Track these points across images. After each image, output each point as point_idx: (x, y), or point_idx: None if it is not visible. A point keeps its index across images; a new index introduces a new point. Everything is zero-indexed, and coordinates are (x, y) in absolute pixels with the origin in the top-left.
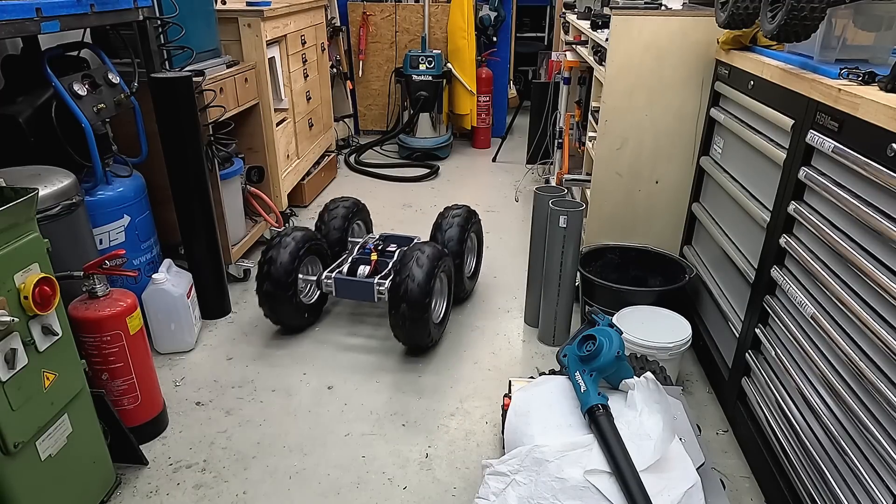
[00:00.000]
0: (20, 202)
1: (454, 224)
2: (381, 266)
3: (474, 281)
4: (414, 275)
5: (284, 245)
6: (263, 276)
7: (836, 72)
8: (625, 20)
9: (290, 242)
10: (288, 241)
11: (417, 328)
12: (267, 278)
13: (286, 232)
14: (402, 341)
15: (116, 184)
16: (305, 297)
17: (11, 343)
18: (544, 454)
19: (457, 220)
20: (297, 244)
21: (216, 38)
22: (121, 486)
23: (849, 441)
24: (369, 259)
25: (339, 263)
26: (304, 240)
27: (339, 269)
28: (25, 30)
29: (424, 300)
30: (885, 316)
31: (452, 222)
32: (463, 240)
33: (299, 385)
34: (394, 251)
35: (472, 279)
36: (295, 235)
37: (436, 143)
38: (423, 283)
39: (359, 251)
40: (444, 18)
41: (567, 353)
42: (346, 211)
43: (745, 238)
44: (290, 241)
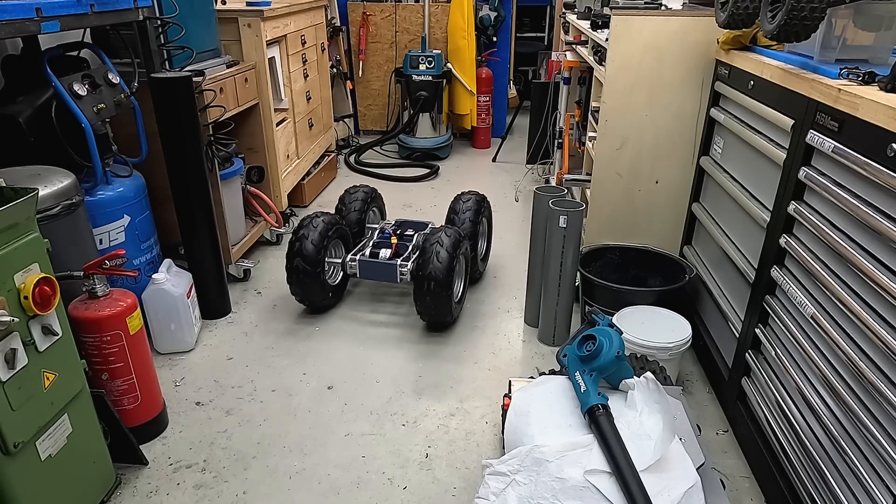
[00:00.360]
0: (20, 202)
1: (468, 209)
2: (401, 249)
3: (486, 263)
4: (439, 256)
5: (315, 226)
6: (295, 254)
7: (836, 72)
8: (625, 20)
9: (320, 224)
10: (318, 223)
11: (441, 305)
12: (298, 255)
13: (315, 215)
14: (427, 318)
15: (116, 184)
16: (330, 278)
17: (11, 343)
18: (544, 454)
19: (470, 205)
20: (325, 226)
21: (216, 38)
22: (121, 486)
23: (849, 441)
24: (390, 242)
25: (361, 246)
26: (331, 223)
27: (362, 252)
28: (25, 30)
29: (448, 279)
30: (885, 316)
31: (466, 207)
32: (477, 223)
33: (299, 385)
34: (412, 235)
35: (484, 261)
36: (323, 218)
37: (436, 143)
38: (446, 263)
39: (378, 235)
40: (444, 18)
41: (567, 353)
42: (365, 196)
43: (745, 238)
44: (320, 223)
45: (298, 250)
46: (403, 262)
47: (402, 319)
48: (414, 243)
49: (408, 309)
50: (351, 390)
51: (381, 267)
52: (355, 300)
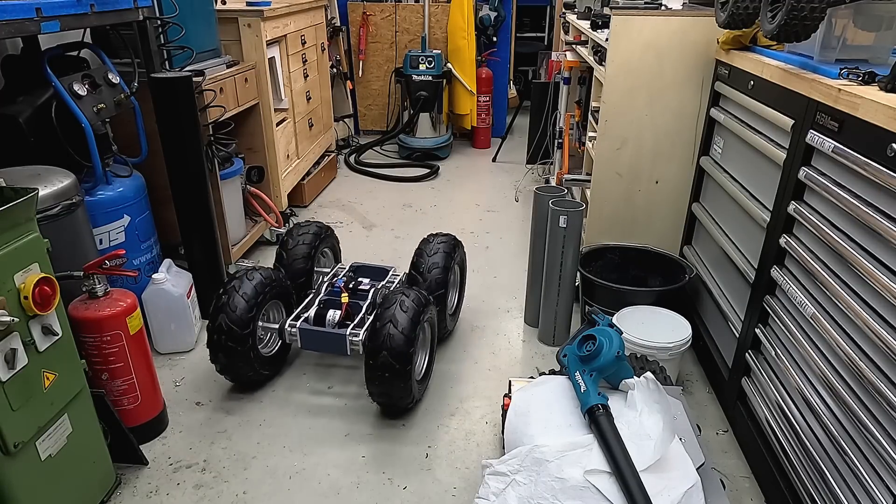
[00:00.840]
0: (20, 202)
1: (438, 253)
2: (353, 309)
3: (456, 318)
4: (397, 324)
5: (241, 289)
6: (216, 329)
7: (836, 72)
8: (625, 20)
9: (249, 286)
10: (246, 285)
11: (398, 386)
12: (220, 332)
13: (243, 275)
14: (378, 400)
15: (116, 184)
16: (265, 347)
17: (11, 343)
18: (544, 454)
19: (440, 249)
20: (255, 288)
21: (216, 38)
22: (121, 486)
23: (849, 441)
24: (339, 301)
25: (304, 306)
26: (264, 284)
27: (306, 315)
28: (25, 30)
29: (408, 351)
30: (885, 316)
31: (435, 250)
32: (448, 270)
33: (299, 385)
34: (367, 289)
35: (453, 316)
36: (254, 278)
37: (436, 143)
38: (407, 333)
39: (327, 290)
40: (444, 18)
41: (567, 353)
42: (313, 238)
43: (745, 238)
44: (249, 285)
45: (218, 326)
46: (355, 329)
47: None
48: (370, 300)
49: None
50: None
51: (327, 337)
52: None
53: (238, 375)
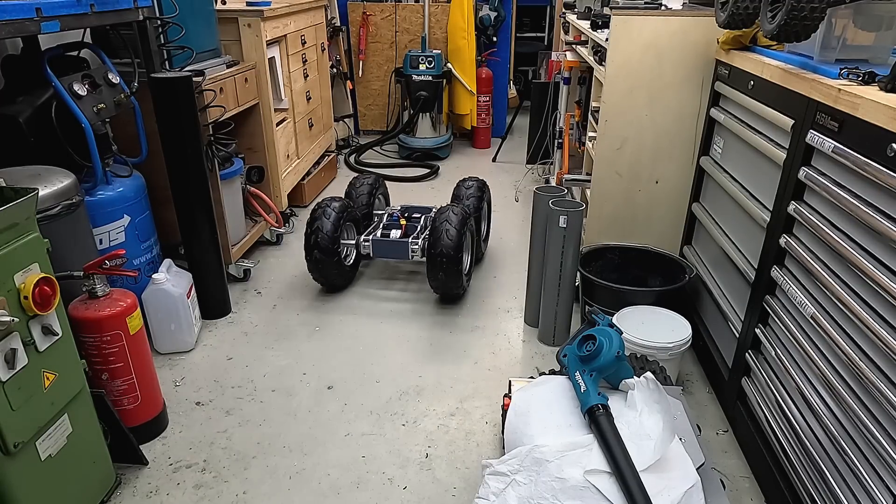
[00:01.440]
0: (20, 202)
1: (472, 193)
2: (409, 230)
3: (487, 243)
4: (448, 233)
5: (327, 215)
6: (312, 245)
7: (836, 72)
8: (625, 20)
9: (332, 212)
10: (329, 211)
11: (453, 279)
12: (315, 246)
13: (326, 202)
14: (440, 291)
15: (116, 184)
16: (345, 259)
17: (11, 343)
18: (544, 454)
19: (473, 189)
20: (337, 213)
21: (216, 38)
22: (121, 486)
23: (849, 441)
24: (399, 224)
25: (372, 228)
26: (343, 208)
27: (374, 234)
28: (25, 30)
29: (459, 254)
30: (885, 316)
31: (470, 192)
32: (480, 204)
33: (299, 385)
34: (419, 217)
35: (485, 242)
36: (334, 205)
37: (436, 143)
38: (456, 239)
39: (387, 219)
40: (444, 18)
41: (567, 353)
42: (371, 186)
43: (745, 238)
44: (332, 211)
45: (315, 241)
46: (414, 240)
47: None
48: (421, 224)
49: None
50: (351, 390)
51: (394, 245)
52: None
53: (329, 279)
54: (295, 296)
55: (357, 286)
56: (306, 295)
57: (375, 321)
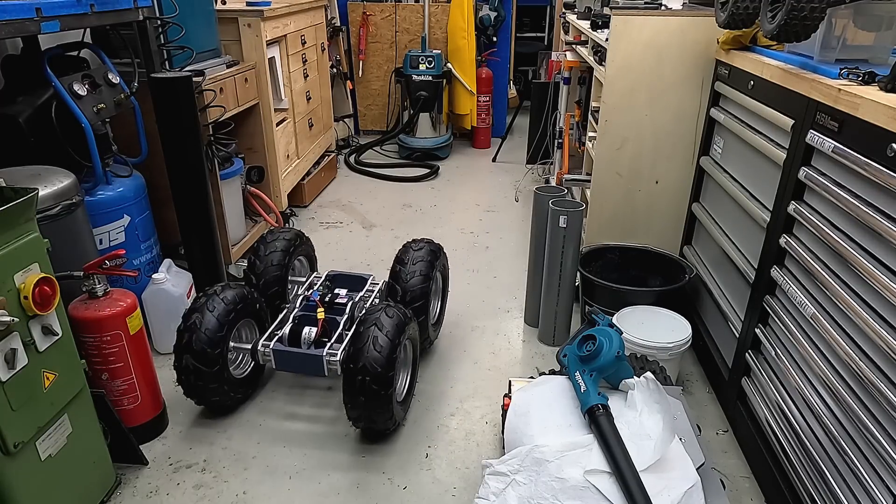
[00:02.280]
0: (20, 202)
1: (420, 261)
2: (329, 325)
3: (439, 328)
4: (376, 340)
5: (211, 309)
6: (183, 349)
7: (836, 72)
8: (625, 20)
9: (219, 305)
10: (215, 305)
11: (378, 406)
12: (187, 352)
13: (213, 293)
14: (360, 423)
15: (116, 184)
16: (237, 369)
17: (11, 343)
18: (544, 454)
19: (422, 256)
20: (226, 307)
21: (216, 38)
22: (121, 486)
23: (849, 441)
24: (315, 317)
25: (278, 323)
26: (235, 301)
27: (281, 334)
28: (25, 30)
29: (388, 372)
30: (885, 316)
31: (417, 258)
32: (429, 279)
33: (299, 385)
34: (345, 302)
35: (436, 326)
36: (225, 296)
37: (436, 143)
38: (386, 350)
39: (301, 304)
40: (444, 18)
41: (567, 353)
42: (287, 244)
43: (745, 238)
44: (219, 304)
45: (187, 344)
46: (333, 347)
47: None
48: (347, 314)
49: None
50: None
51: (303, 358)
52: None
53: (211, 402)
54: None
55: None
56: None
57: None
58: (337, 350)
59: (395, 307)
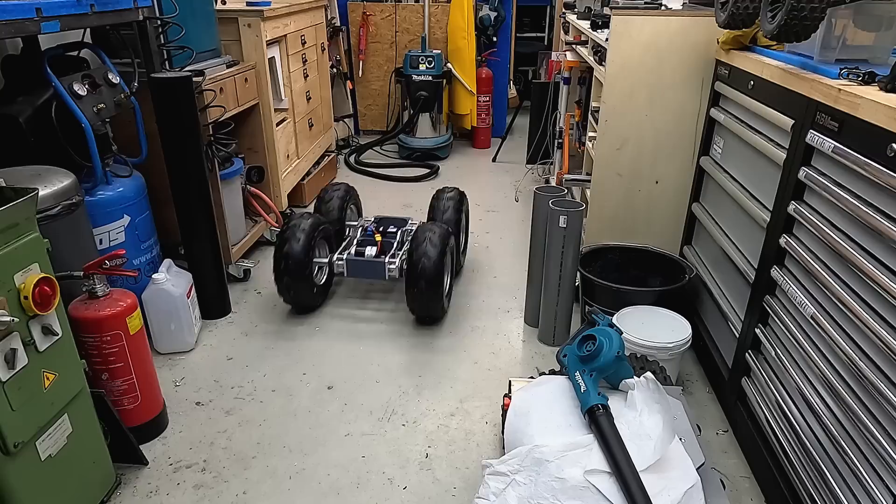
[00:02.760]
0: (20, 202)
1: (450, 205)
2: (385, 246)
3: (465, 256)
4: (428, 253)
5: (298, 233)
6: (282, 258)
7: (836, 72)
8: (625, 20)
9: (304, 229)
10: (301, 228)
11: (432, 300)
12: (286, 261)
13: (296, 219)
14: (418, 314)
15: (116, 184)
16: (317, 278)
17: (11, 343)
18: (544, 454)
19: (451, 203)
20: (310, 229)
21: (216, 38)
22: (121, 486)
23: (849, 441)
24: (374, 240)
25: (345, 245)
26: (315, 226)
27: (348, 251)
28: (25, 30)
29: (439, 275)
30: (885, 316)
31: (448, 205)
32: (459, 217)
33: (299, 385)
34: (394, 231)
35: (463, 254)
36: (306, 222)
37: (436, 143)
38: (436, 259)
39: (361, 233)
40: (444, 18)
41: (567, 353)
42: (342, 197)
43: (745, 238)
44: (304, 228)
45: (286, 258)
46: (391, 258)
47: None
48: (398, 239)
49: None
50: (351, 390)
51: (369, 265)
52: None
53: (301, 302)
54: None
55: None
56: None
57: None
58: (394, 260)
59: (439, 224)
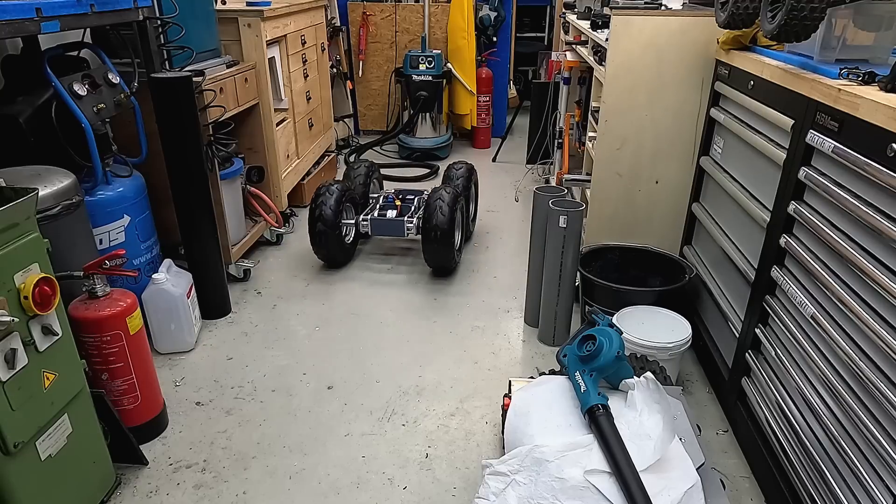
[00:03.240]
0: (20, 202)
1: (461, 175)
2: (404, 210)
3: (474, 224)
4: (441, 210)
5: (330, 192)
6: (316, 219)
7: (836, 72)
8: (625, 20)
9: (334, 192)
10: (332, 191)
11: (446, 253)
12: (319, 220)
13: (327, 185)
14: (433, 264)
15: (116, 184)
16: (346, 236)
17: (11, 343)
18: (544, 454)
19: (462, 172)
20: (338, 193)
21: (216, 38)
22: (121, 486)
23: (849, 441)
24: (394, 205)
25: (369, 209)
26: (343, 190)
27: (372, 213)
28: (25, 30)
29: (451, 229)
30: (885, 316)
31: (459, 174)
32: (469, 185)
33: (299, 385)
34: (412, 199)
35: (473, 221)
36: (335, 187)
37: (436, 143)
38: (448, 214)
39: (383, 200)
40: (444, 18)
41: (567, 353)
42: (367, 171)
43: (745, 238)
44: (334, 191)
45: (319, 215)
46: (409, 218)
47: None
48: (415, 205)
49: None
50: (351, 390)
51: (391, 223)
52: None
53: (331, 254)
54: (295, 296)
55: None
56: (306, 294)
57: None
58: (413, 220)
59: (450, 187)
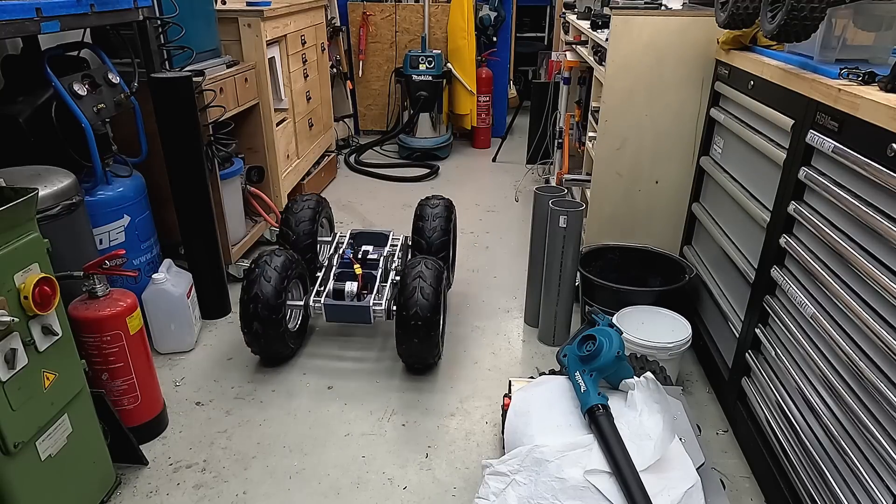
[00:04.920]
0: (20, 202)
1: (438, 216)
2: (366, 279)
3: (453, 271)
4: (423, 289)
5: (267, 278)
6: (251, 316)
7: (836, 72)
8: (625, 20)
9: (273, 273)
10: (270, 273)
11: (427, 345)
12: (255, 317)
13: (265, 259)
14: (410, 360)
15: (116, 184)
16: (291, 323)
17: (11, 343)
18: (544, 454)
19: (439, 212)
20: (280, 273)
21: (216, 38)
22: (121, 486)
23: (849, 441)
24: (353, 273)
25: (321, 281)
26: (286, 265)
27: (326, 287)
28: (25, 30)
29: (435, 316)
30: (885, 316)
31: (436, 214)
32: (448, 232)
33: (299, 385)
34: (376, 258)
35: (452, 269)
36: (275, 264)
37: (436, 143)
38: (432, 298)
39: (338, 262)
40: (444, 18)
41: (567, 353)
42: (314, 210)
43: (745, 238)
44: (273, 272)
45: (254, 311)
46: (377, 300)
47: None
48: (381, 267)
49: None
50: (351, 390)
51: (351, 309)
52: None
53: (271, 352)
54: None
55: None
56: None
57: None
58: (380, 301)
59: (433, 259)
